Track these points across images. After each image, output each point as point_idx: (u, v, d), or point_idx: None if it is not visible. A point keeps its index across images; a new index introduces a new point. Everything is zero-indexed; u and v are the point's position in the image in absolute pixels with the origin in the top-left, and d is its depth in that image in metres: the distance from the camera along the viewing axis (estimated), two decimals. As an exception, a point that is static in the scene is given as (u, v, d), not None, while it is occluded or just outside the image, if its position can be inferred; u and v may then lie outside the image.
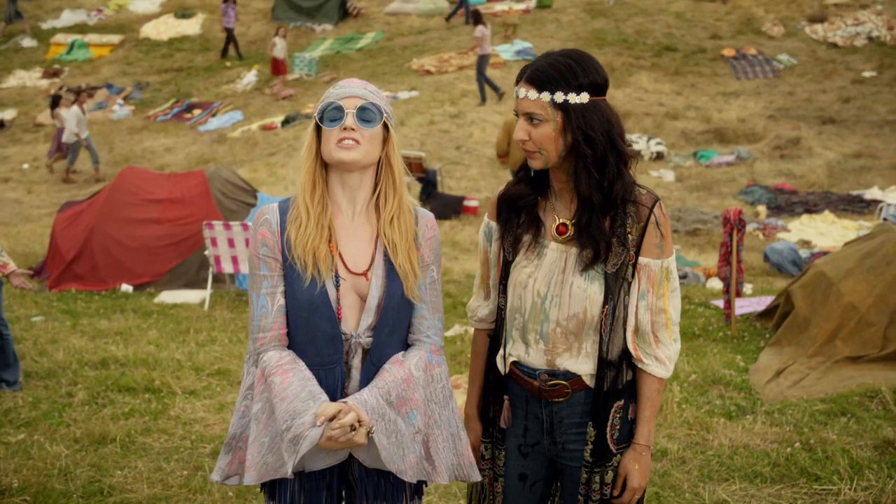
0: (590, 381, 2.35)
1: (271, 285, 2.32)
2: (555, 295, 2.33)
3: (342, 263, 2.31)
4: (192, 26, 24.58)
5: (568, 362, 2.35)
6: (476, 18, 17.33)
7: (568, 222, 2.34)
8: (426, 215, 2.43)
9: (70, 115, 16.38)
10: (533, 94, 2.25)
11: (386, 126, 2.35)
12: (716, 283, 8.78)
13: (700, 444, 4.53)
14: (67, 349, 6.60)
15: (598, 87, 2.25)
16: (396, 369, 2.33)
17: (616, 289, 2.30)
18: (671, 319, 2.36)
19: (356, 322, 2.32)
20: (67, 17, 26.51)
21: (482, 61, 17.03)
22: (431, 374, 2.39)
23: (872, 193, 13.42)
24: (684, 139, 16.07)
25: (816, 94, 18.32)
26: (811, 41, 20.66)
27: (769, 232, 11.85)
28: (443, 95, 17.69)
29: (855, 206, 13.04)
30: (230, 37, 22.52)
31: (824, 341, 6.16)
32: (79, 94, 17.14)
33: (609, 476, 2.36)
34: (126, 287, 9.04)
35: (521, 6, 22.47)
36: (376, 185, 2.37)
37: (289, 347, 2.35)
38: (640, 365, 2.36)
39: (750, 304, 7.79)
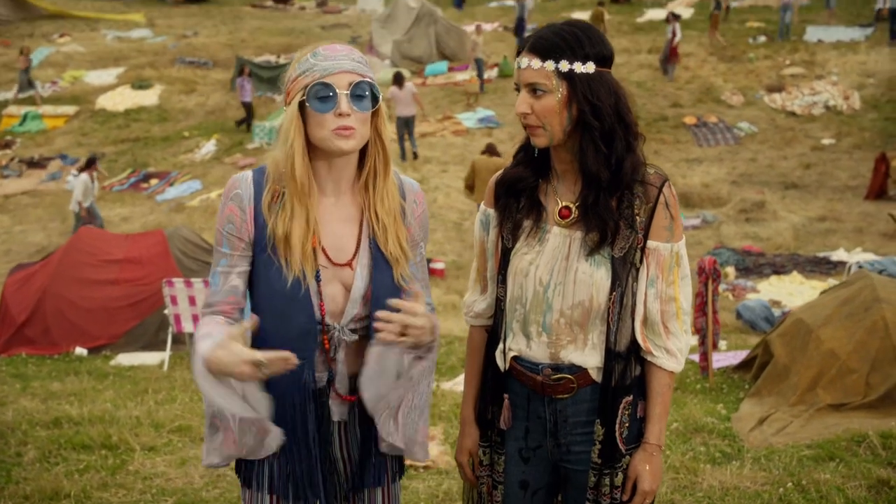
0: (596, 375, 2.23)
1: (228, 264, 2.19)
2: (558, 283, 2.21)
3: (324, 254, 2.18)
4: (149, 97, 24.54)
5: (573, 355, 2.23)
6: (395, 79, 17.32)
7: (571, 205, 2.23)
8: (413, 188, 2.32)
9: (77, 182, 15.58)
10: (536, 62, 2.15)
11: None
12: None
13: (689, 487, 4.41)
14: (17, 410, 6.33)
15: (605, 58, 2.18)
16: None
17: (624, 274, 2.19)
18: (682, 309, 2.25)
19: (339, 314, 2.20)
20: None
21: (398, 123, 17.02)
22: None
23: (839, 255, 13.58)
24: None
25: (778, 161, 18.67)
26: (770, 110, 21.13)
27: (738, 293, 11.90)
28: (405, 162, 17.76)
29: (822, 267, 13.17)
30: (249, 111, 22.14)
31: (805, 389, 6.10)
32: (91, 163, 16.34)
33: (619, 478, 2.23)
34: (80, 350, 8.78)
35: (483, 75, 22.77)
36: (361, 159, 2.25)
37: (258, 336, 2.21)
38: (649, 358, 2.25)
39: (725, 357, 7.74)
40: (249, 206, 2.17)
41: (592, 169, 2.16)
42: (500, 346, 2.33)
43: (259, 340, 2.20)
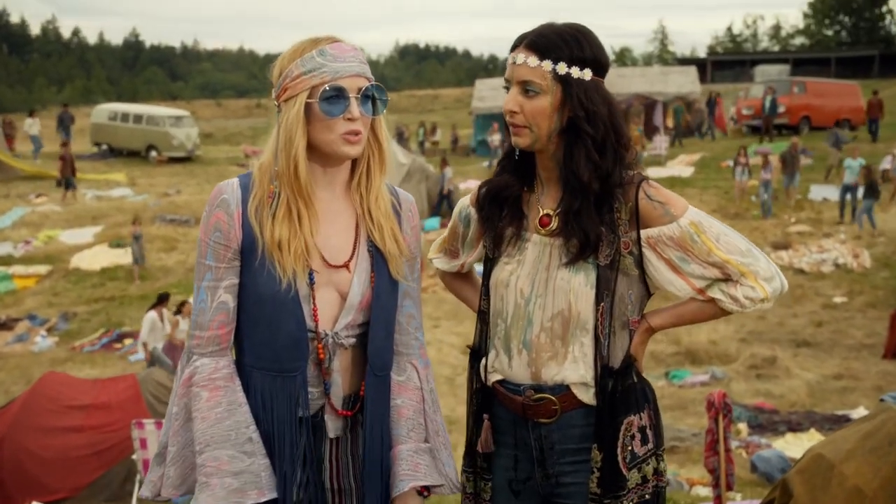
0: (581, 394, 2.18)
1: (215, 277, 2.17)
2: (539, 295, 2.21)
3: (318, 255, 2.18)
4: (127, 256, 24.82)
5: (553, 370, 2.19)
6: None
7: (552, 212, 2.26)
8: (408, 198, 2.36)
9: (145, 320, 14.69)
10: (533, 60, 2.19)
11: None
12: (701, 490, 8.58)
13: None
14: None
15: (601, 66, 2.24)
16: (414, 404, 2.30)
17: (612, 282, 2.18)
18: (742, 264, 2.22)
19: (333, 321, 2.17)
20: (-8, 250, 26.64)
21: None
22: (429, 380, 2.30)
23: (859, 413, 13.46)
24: (654, 361, 16.20)
25: (788, 318, 18.78)
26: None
27: (752, 450, 11.73)
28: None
29: (841, 425, 13.00)
30: None
31: (830, 530, 5.91)
32: (163, 300, 15.49)
33: None
34: (36, 504, 8.51)
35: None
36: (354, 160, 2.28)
37: (245, 347, 2.18)
38: (711, 296, 2.26)
39: (742, 506, 7.55)
40: (237, 211, 2.17)
41: (583, 177, 2.19)
42: (484, 360, 2.31)
43: (247, 353, 2.18)
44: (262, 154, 2.24)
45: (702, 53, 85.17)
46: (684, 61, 66.07)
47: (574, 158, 2.18)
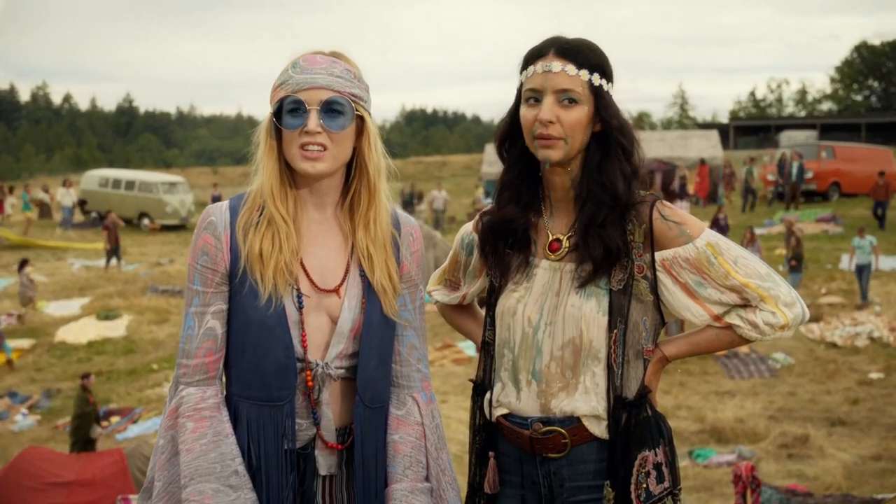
0: (593, 427, 2.15)
1: (202, 303, 2.19)
2: (548, 323, 2.19)
3: (307, 278, 2.17)
4: (115, 328, 24.86)
5: (564, 402, 2.16)
6: None
7: (562, 237, 2.25)
8: (410, 222, 2.35)
9: None
10: (571, 69, 2.21)
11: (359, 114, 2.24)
12: (731, 575, 8.41)
13: None
14: None
15: (612, 81, 2.27)
16: (413, 442, 2.28)
17: (625, 308, 2.16)
18: (761, 288, 2.19)
19: (324, 349, 2.16)
20: (-28, 325, 26.66)
21: None
22: (433, 416, 2.27)
23: (900, 497, 13.29)
24: (677, 439, 16.01)
25: (821, 395, 18.63)
26: (808, 340, 21.32)
27: (786, 534, 11.55)
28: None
29: (880, 508, 12.85)
30: None
31: None
32: None
33: None
34: (13, 589, 8.41)
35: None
36: (348, 180, 2.28)
37: (233, 375, 2.17)
38: (729, 322, 2.23)
39: (775, 591, 7.41)
40: (225, 233, 2.19)
41: (618, 189, 2.18)
42: (488, 395, 2.29)
43: (235, 382, 2.17)
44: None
45: (723, 118, 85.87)
46: (705, 126, 66.47)
47: (607, 171, 2.20)
